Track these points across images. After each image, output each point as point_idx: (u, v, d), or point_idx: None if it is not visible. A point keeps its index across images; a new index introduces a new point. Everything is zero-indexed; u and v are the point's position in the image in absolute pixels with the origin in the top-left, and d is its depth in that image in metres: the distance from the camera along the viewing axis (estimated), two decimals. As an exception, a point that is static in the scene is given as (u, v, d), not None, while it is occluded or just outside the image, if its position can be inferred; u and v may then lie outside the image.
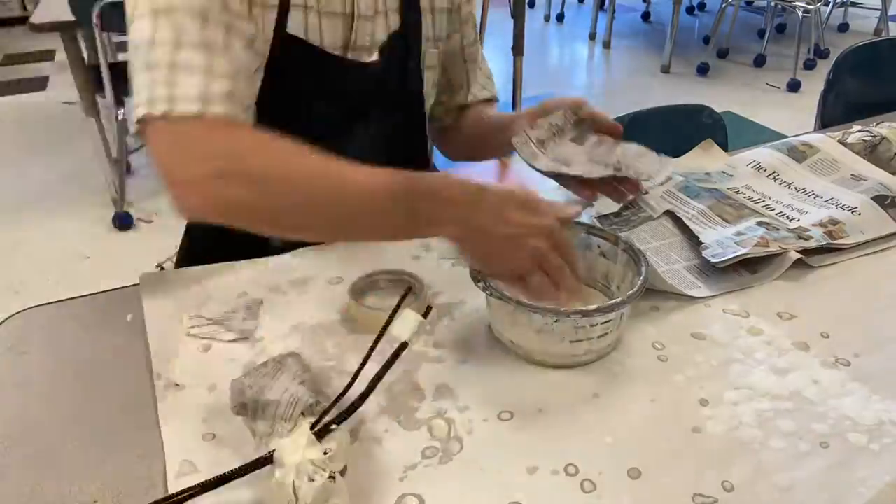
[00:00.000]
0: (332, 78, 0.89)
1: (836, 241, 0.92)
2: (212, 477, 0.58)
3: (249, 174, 0.65)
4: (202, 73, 0.68)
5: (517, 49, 3.13)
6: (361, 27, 0.88)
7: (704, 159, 1.15)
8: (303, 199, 0.67)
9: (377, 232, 0.73)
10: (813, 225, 0.94)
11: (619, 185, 0.85)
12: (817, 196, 1.03)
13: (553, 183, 0.88)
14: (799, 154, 1.12)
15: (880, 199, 0.98)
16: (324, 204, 0.67)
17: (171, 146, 0.67)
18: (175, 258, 1.10)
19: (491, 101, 1.10)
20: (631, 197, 0.87)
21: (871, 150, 1.08)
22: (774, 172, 1.09)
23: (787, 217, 0.99)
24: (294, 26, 0.83)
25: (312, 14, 0.85)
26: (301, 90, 0.88)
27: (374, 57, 0.91)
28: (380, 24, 0.91)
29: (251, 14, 0.79)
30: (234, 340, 0.76)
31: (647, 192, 0.99)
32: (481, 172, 0.83)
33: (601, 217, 0.96)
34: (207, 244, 0.93)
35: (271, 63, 0.84)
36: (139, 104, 0.68)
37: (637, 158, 0.84)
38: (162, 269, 1.06)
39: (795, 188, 1.06)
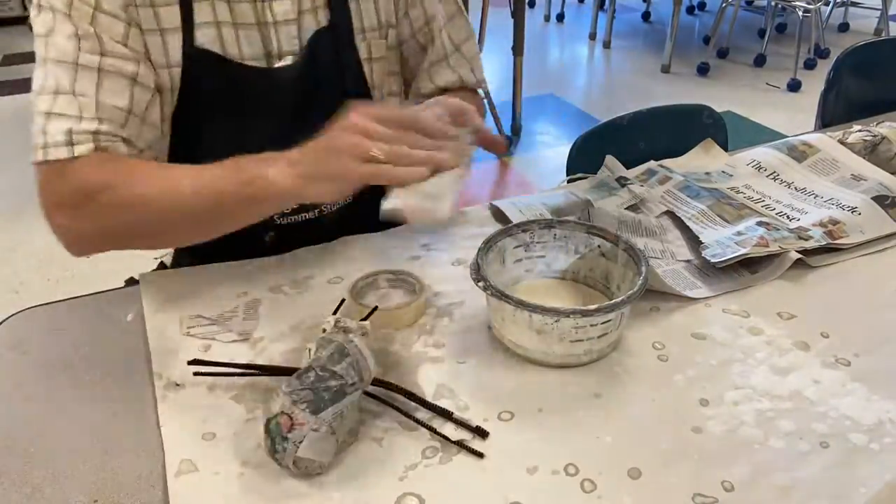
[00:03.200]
0: (249, 88, 0.88)
1: (836, 241, 0.92)
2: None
3: (101, 209, 0.74)
4: (71, 120, 0.74)
5: (517, 49, 3.13)
6: (282, 32, 0.86)
7: (704, 159, 1.15)
8: (154, 215, 0.75)
9: (233, 216, 0.75)
10: (813, 225, 0.94)
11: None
12: (817, 196, 1.03)
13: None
14: (799, 154, 1.12)
15: (880, 200, 0.98)
16: (171, 210, 0.74)
17: (45, 191, 0.76)
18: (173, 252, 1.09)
19: (462, 88, 1.01)
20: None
21: (872, 150, 1.08)
22: (774, 172, 1.09)
23: (787, 217, 0.99)
24: (207, 42, 0.83)
25: (226, 27, 0.83)
26: (232, 104, 0.87)
27: (288, 60, 0.88)
28: (307, 24, 0.88)
29: (145, 43, 0.80)
30: (234, 341, 0.76)
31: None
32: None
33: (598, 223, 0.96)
34: (202, 245, 0.92)
35: (193, 82, 0.84)
36: (33, 149, 0.75)
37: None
38: (162, 263, 1.06)
39: (795, 188, 1.06)
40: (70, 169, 0.74)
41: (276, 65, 0.88)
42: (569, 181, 1.09)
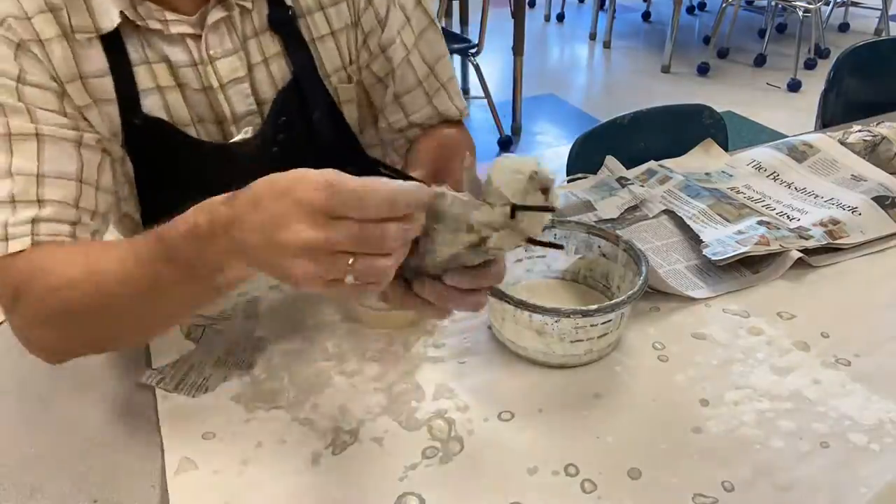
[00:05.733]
0: (216, 164, 0.77)
1: (836, 241, 0.92)
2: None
3: (34, 313, 0.63)
4: (6, 208, 0.64)
5: (517, 49, 3.13)
6: (234, 94, 0.77)
7: (704, 159, 1.15)
8: (83, 319, 0.62)
9: (166, 304, 0.60)
10: (813, 224, 0.95)
11: None
12: (817, 196, 1.03)
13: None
14: (799, 154, 1.12)
15: (880, 200, 0.98)
16: (98, 315, 0.62)
17: None
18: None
19: (446, 122, 0.90)
20: None
21: (872, 150, 1.08)
22: (774, 173, 1.09)
23: (788, 217, 0.99)
24: (152, 107, 0.74)
25: (171, 92, 0.75)
26: (189, 178, 0.73)
27: (247, 134, 0.78)
28: (261, 78, 0.79)
29: (81, 113, 0.70)
30: (232, 343, 0.76)
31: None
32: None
33: (600, 221, 0.96)
34: None
35: (142, 152, 0.76)
36: None
37: None
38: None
39: (795, 188, 1.06)
40: (8, 266, 0.64)
41: (234, 137, 0.78)
42: (569, 181, 1.09)
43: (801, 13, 3.91)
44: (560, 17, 5.38)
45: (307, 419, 0.66)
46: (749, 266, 0.88)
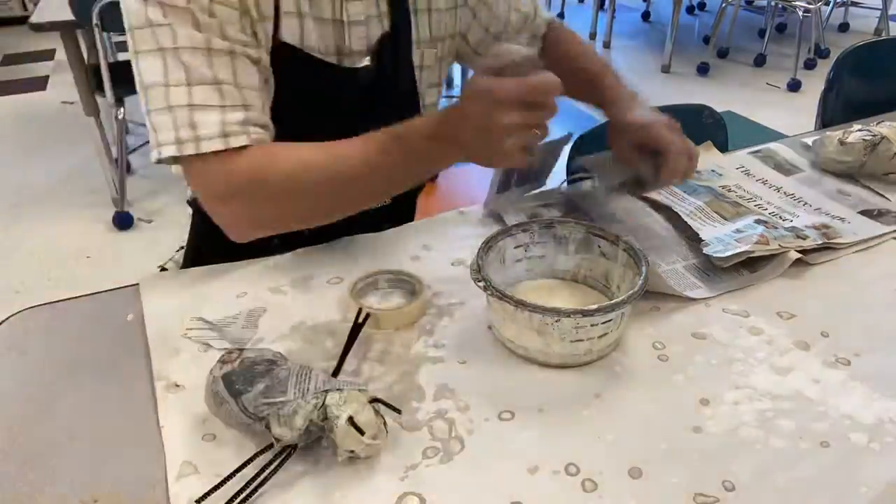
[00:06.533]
0: (327, 85, 0.89)
1: (832, 241, 0.92)
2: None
3: (270, 194, 0.76)
4: (218, 110, 0.74)
5: (517, 49, 3.13)
6: (354, 32, 0.88)
7: (704, 160, 1.16)
8: (320, 196, 0.78)
9: (393, 184, 0.81)
10: (806, 226, 0.95)
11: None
12: (807, 203, 1.03)
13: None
14: (784, 171, 1.13)
15: (867, 213, 1.00)
16: (336, 191, 0.78)
17: (207, 184, 0.77)
18: (175, 256, 1.10)
19: (551, 23, 1.12)
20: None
21: (872, 150, 1.08)
22: (763, 178, 1.11)
23: (780, 217, 0.99)
24: (288, 34, 0.83)
25: (307, 20, 0.84)
26: (298, 97, 0.87)
27: (367, 61, 0.91)
28: (374, 28, 0.90)
29: (253, 30, 0.79)
30: (226, 349, 0.75)
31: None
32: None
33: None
34: (213, 242, 0.92)
35: (277, 72, 0.84)
36: (164, 143, 0.74)
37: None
38: (164, 270, 1.06)
39: (785, 192, 1.06)
40: (231, 159, 0.74)
41: (356, 64, 0.90)
42: (569, 182, 1.09)
43: (801, 13, 3.91)
44: (560, 17, 5.38)
45: (307, 419, 0.66)
46: (748, 265, 0.88)
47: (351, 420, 0.59)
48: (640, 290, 0.71)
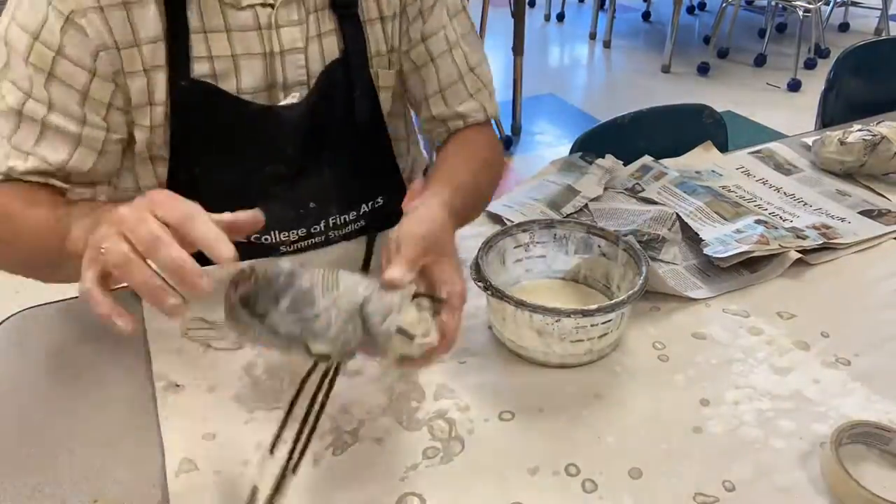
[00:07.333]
0: (249, 127, 0.81)
1: (832, 241, 0.92)
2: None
3: None
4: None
5: (517, 49, 3.13)
6: (289, 62, 0.81)
7: (704, 160, 1.16)
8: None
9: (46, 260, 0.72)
10: (807, 227, 0.95)
11: None
12: (807, 204, 1.04)
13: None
14: (784, 171, 1.13)
15: (867, 214, 1.00)
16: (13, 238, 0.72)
17: None
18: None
19: (476, 122, 0.94)
20: None
21: (872, 150, 1.08)
22: (763, 178, 1.11)
23: (780, 217, 0.99)
24: (203, 73, 0.78)
25: (224, 61, 0.78)
26: (230, 141, 0.81)
27: (294, 99, 0.82)
28: (314, 52, 0.83)
29: (119, 87, 0.75)
30: (226, 349, 0.75)
31: None
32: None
33: (589, 201, 1.00)
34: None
35: (185, 117, 0.79)
36: None
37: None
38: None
39: (784, 193, 1.07)
40: None
41: (282, 101, 0.82)
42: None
43: (801, 13, 3.91)
44: (560, 17, 5.38)
45: (307, 419, 0.66)
46: (748, 266, 0.88)
47: (400, 329, 0.53)
48: (640, 290, 0.71)
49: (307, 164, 0.86)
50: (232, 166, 0.81)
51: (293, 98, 0.82)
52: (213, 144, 0.81)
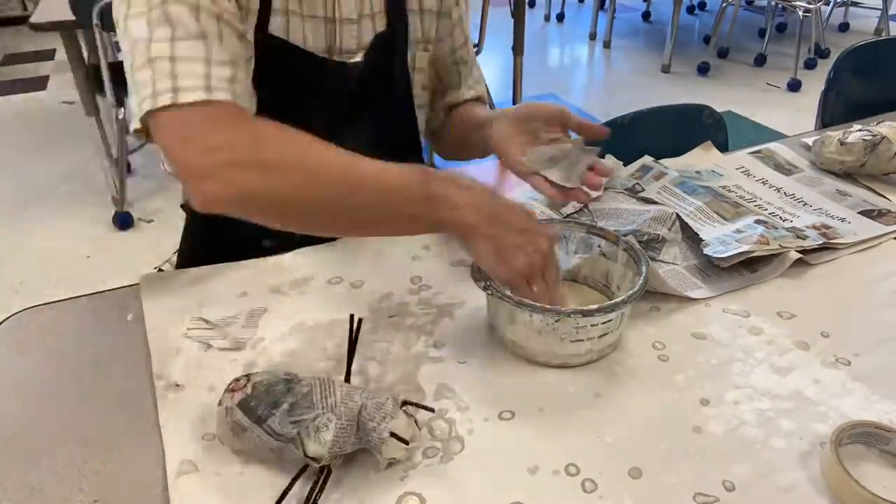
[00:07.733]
0: (316, 79, 0.88)
1: (832, 241, 0.92)
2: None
3: (266, 163, 0.65)
4: (202, 61, 0.67)
5: (517, 49, 3.13)
6: (345, 30, 0.88)
7: (704, 160, 1.16)
8: (319, 190, 0.66)
9: (395, 221, 0.71)
10: (807, 227, 0.95)
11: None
12: (807, 204, 1.03)
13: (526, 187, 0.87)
14: (784, 171, 1.13)
15: (867, 214, 1.00)
16: (340, 194, 0.67)
17: (182, 136, 0.66)
18: (171, 259, 1.10)
19: (478, 100, 1.07)
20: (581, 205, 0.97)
21: (872, 150, 1.08)
22: (763, 178, 1.11)
23: (780, 217, 0.99)
24: (276, 28, 0.82)
25: (295, 18, 0.84)
26: (286, 91, 0.86)
27: (359, 58, 0.90)
28: (366, 27, 0.89)
29: (240, 5, 0.77)
30: (226, 349, 0.75)
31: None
32: (481, 173, 0.83)
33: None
34: (206, 246, 0.92)
35: (256, 64, 0.81)
36: (143, 99, 0.66)
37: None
38: (161, 271, 1.06)
39: (784, 193, 1.06)
40: (217, 114, 0.67)
41: (334, 58, 0.88)
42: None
43: (801, 13, 3.91)
44: (560, 17, 5.38)
45: (307, 419, 0.66)
46: (748, 265, 0.88)
47: (392, 434, 0.59)
48: (640, 290, 0.71)
49: (352, 126, 0.92)
50: (285, 116, 0.77)
51: (358, 58, 0.89)
52: (273, 95, 0.80)
